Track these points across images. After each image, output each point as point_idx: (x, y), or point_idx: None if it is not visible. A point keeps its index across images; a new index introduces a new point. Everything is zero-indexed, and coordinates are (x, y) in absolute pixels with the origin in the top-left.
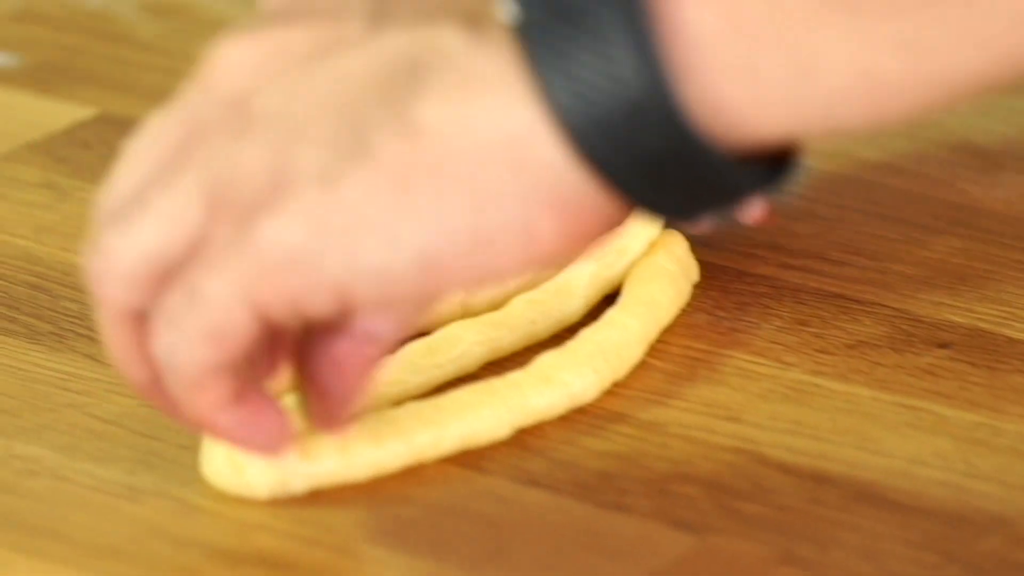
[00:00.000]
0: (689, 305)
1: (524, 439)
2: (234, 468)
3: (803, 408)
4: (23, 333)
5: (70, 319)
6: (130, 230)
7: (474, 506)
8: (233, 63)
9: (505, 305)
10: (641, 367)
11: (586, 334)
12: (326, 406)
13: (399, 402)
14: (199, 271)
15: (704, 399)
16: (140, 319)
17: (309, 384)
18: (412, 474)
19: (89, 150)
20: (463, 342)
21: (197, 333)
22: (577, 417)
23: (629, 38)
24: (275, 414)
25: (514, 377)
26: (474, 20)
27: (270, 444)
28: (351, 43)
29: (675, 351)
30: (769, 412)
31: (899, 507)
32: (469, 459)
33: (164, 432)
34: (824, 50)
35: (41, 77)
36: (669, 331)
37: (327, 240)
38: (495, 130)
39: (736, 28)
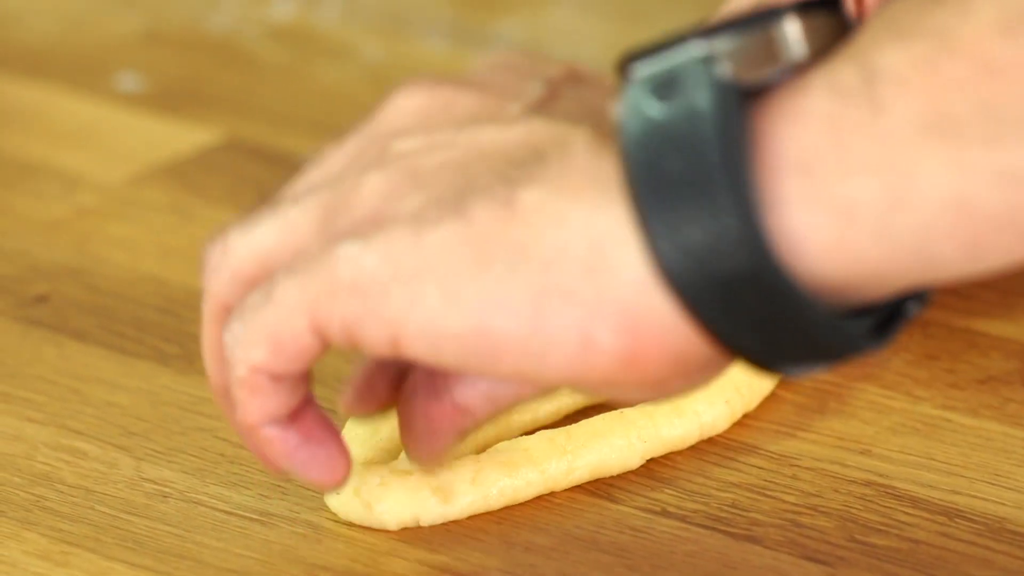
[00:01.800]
0: None
1: (655, 469)
2: (362, 502)
3: (934, 442)
4: (152, 356)
5: (198, 342)
6: (251, 230)
7: (605, 535)
8: (400, 109)
9: None
10: (771, 399)
11: None
12: (418, 449)
13: (531, 430)
14: (282, 273)
15: (835, 432)
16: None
17: (405, 425)
18: (544, 503)
19: (215, 174)
20: None
21: (259, 331)
22: (708, 448)
23: (718, 126)
24: (333, 447)
25: (645, 407)
26: (602, 132)
27: (321, 476)
28: (502, 119)
29: (805, 384)
30: (900, 445)
31: None
32: (600, 488)
33: None
34: (919, 179)
35: (166, 100)
36: None
37: (396, 276)
38: (583, 228)
39: (831, 153)
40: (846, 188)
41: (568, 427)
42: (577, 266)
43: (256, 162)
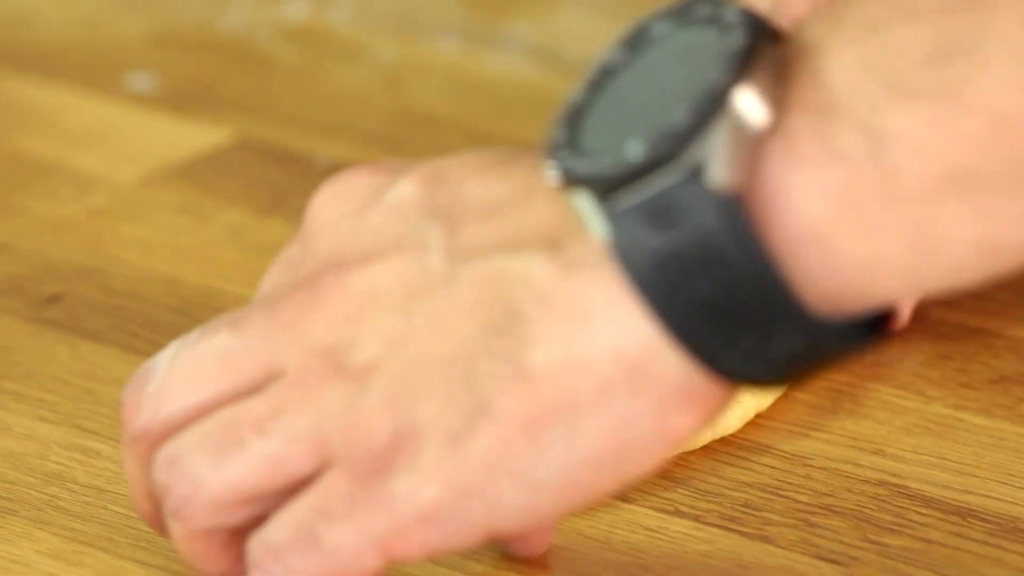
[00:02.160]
0: None
1: (668, 469)
2: None
3: (947, 442)
4: None
5: None
6: (225, 464)
7: (618, 534)
8: (326, 312)
9: None
10: (784, 399)
11: None
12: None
13: None
14: (319, 520)
15: (848, 431)
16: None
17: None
18: None
19: (228, 175)
20: None
21: None
22: (721, 448)
23: (740, 248)
24: None
25: None
26: (557, 245)
27: None
28: (436, 280)
29: (818, 384)
30: (913, 445)
31: None
32: None
33: None
34: (944, 228)
35: (179, 100)
36: None
37: (466, 495)
38: (613, 360)
39: (850, 219)
40: (870, 249)
41: None
42: (626, 394)
43: (269, 162)
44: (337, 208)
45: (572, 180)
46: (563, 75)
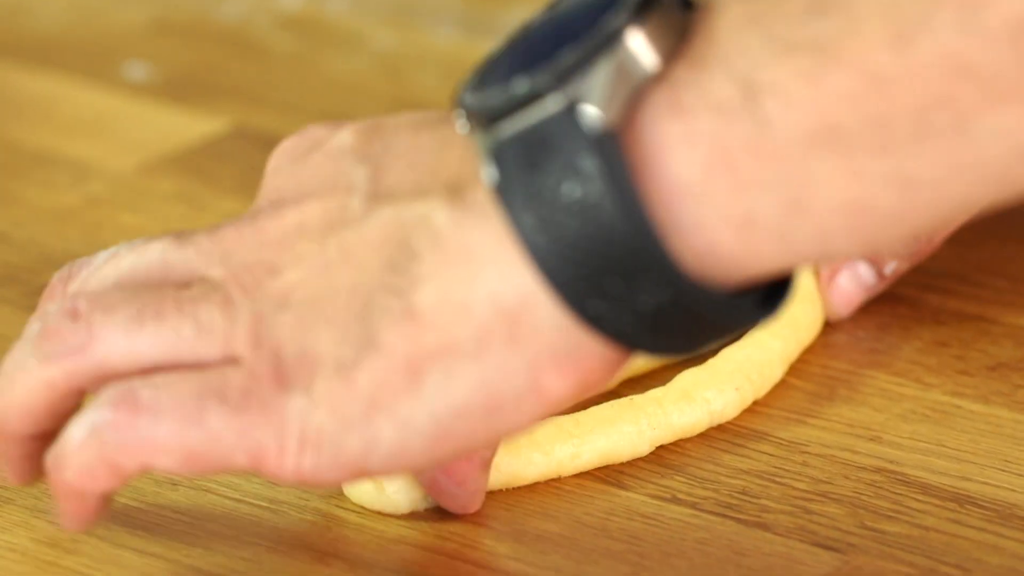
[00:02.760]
0: (829, 325)
1: (664, 456)
2: (375, 483)
3: (944, 429)
4: None
5: None
6: (137, 330)
7: (615, 522)
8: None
9: None
10: (781, 386)
11: (727, 353)
12: (455, 500)
13: None
14: (211, 398)
15: (845, 418)
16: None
17: (433, 491)
18: (552, 489)
19: (224, 163)
20: None
21: (170, 445)
22: (717, 435)
23: (611, 191)
24: None
25: (655, 394)
26: (457, 190)
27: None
28: (354, 217)
29: (815, 371)
30: (910, 432)
31: None
32: (609, 475)
33: None
34: (814, 188)
35: (175, 89)
36: (809, 351)
37: (347, 428)
38: (491, 306)
39: (723, 172)
40: (742, 205)
41: (576, 413)
42: (501, 343)
43: (266, 151)
44: (287, 154)
45: (465, 113)
46: None
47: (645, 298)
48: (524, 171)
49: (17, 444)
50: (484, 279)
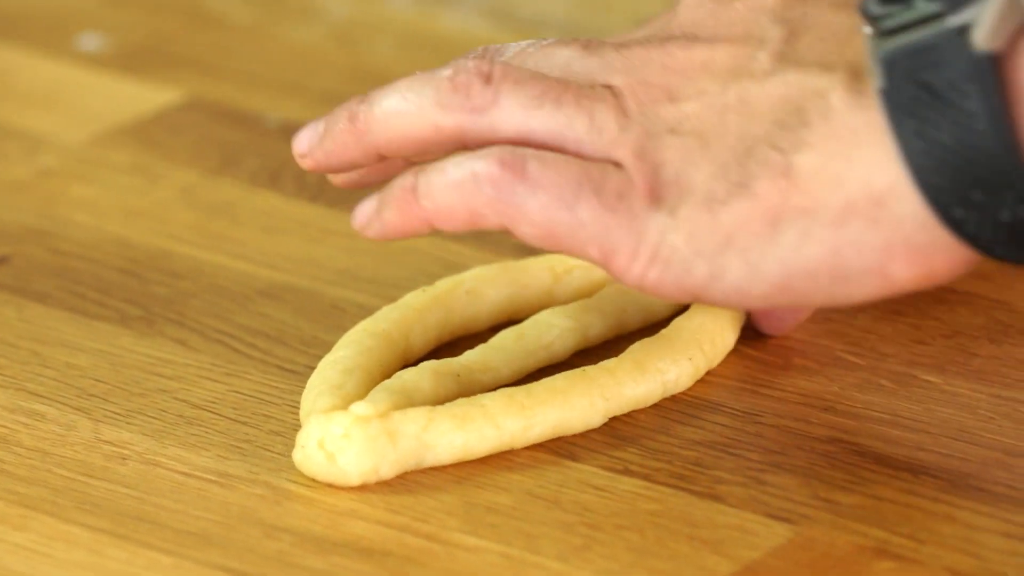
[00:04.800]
0: None
1: (617, 427)
2: (326, 454)
3: (899, 399)
4: (114, 318)
5: (161, 304)
6: (537, 107)
7: (567, 494)
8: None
9: (595, 293)
10: (735, 355)
11: (680, 322)
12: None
13: (492, 389)
14: (588, 185)
15: (799, 388)
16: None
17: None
18: (504, 461)
19: (179, 134)
20: (555, 328)
21: (533, 219)
22: (670, 405)
23: (988, 113)
24: None
25: (608, 365)
26: (856, 75)
27: None
28: (759, 71)
29: (770, 340)
30: (865, 402)
31: (996, 498)
32: (561, 447)
33: (255, 418)
34: None
35: (130, 60)
36: None
37: (699, 254)
38: (862, 186)
39: None
40: None
41: (529, 385)
42: (863, 220)
43: (220, 122)
44: None
45: (866, 17)
46: (516, 33)
47: (1007, 211)
48: (911, 82)
49: (369, 155)
50: (861, 160)
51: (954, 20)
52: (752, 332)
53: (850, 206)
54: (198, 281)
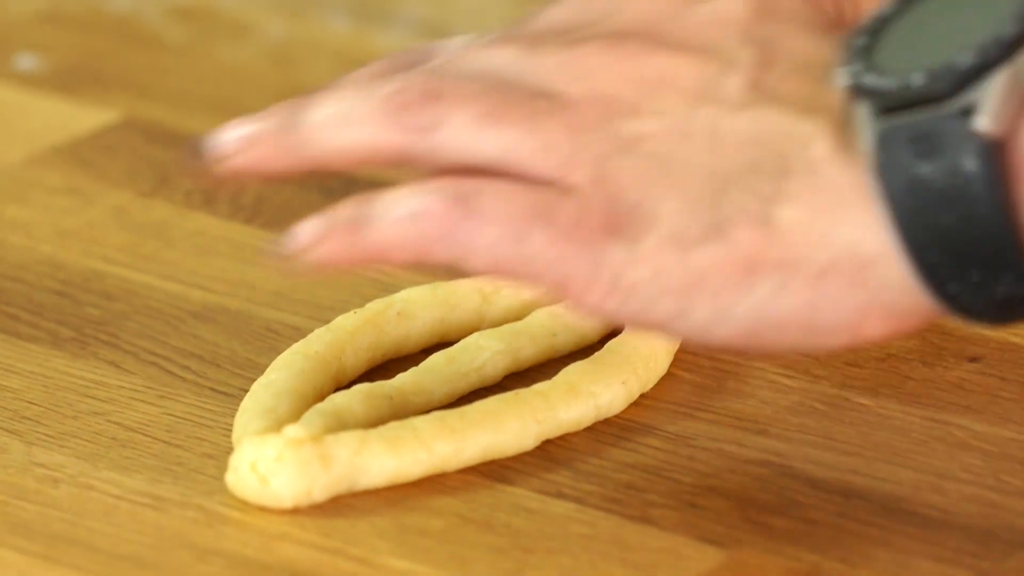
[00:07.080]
0: None
1: (549, 450)
2: (258, 477)
3: (832, 422)
4: (46, 339)
5: (93, 326)
6: (485, 128)
7: (499, 517)
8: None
9: (526, 314)
10: (668, 379)
11: (613, 345)
12: None
13: (424, 412)
14: (539, 218)
15: (732, 412)
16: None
17: None
18: (436, 484)
19: (114, 154)
20: (485, 351)
21: (489, 256)
22: (603, 428)
23: (990, 194)
24: None
25: (540, 388)
26: (839, 128)
27: None
28: (730, 98)
29: (703, 363)
30: (798, 425)
31: (929, 522)
32: (494, 470)
33: (188, 441)
34: None
35: (65, 80)
36: None
37: (664, 291)
38: (848, 248)
39: None
40: None
41: (462, 408)
42: (845, 280)
43: (155, 143)
44: None
45: (858, 89)
46: None
47: (1003, 289)
48: (907, 158)
49: (300, 168)
50: (849, 222)
51: (955, 104)
52: (686, 355)
53: (833, 265)
54: (131, 303)
